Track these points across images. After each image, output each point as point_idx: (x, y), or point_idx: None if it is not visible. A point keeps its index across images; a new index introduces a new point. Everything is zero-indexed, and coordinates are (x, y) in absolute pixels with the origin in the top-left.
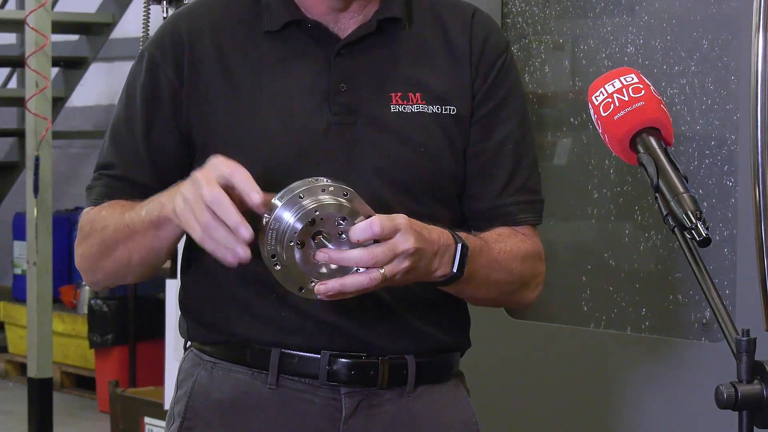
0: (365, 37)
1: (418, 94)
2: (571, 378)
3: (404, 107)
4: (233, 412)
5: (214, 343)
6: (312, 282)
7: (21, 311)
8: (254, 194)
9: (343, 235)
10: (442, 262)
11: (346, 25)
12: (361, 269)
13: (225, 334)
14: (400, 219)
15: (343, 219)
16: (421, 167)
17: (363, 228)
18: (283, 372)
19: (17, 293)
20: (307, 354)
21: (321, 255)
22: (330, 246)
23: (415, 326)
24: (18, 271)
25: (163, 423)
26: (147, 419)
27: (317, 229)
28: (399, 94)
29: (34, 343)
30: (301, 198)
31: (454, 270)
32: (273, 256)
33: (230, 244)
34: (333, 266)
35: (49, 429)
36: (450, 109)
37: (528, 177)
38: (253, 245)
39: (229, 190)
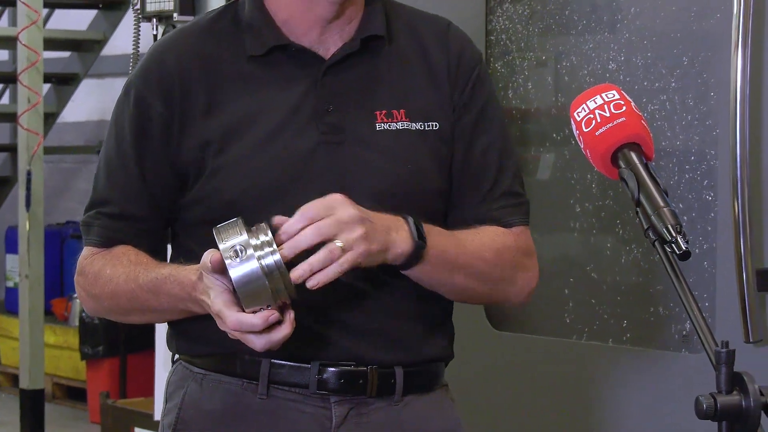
0: (349, 56)
1: (402, 111)
2: (554, 389)
3: (389, 125)
4: (224, 422)
5: (204, 356)
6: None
7: (13, 323)
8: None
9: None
10: (399, 237)
11: (329, 45)
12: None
13: (215, 345)
14: (335, 195)
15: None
16: (409, 183)
17: (295, 219)
18: (273, 382)
19: (9, 306)
20: (297, 364)
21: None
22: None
23: (403, 338)
24: (10, 284)
25: None
26: (137, 430)
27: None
28: (384, 111)
29: (26, 354)
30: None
31: (416, 239)
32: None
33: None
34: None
35: None
36: (433, 125)
37: (512, 182)
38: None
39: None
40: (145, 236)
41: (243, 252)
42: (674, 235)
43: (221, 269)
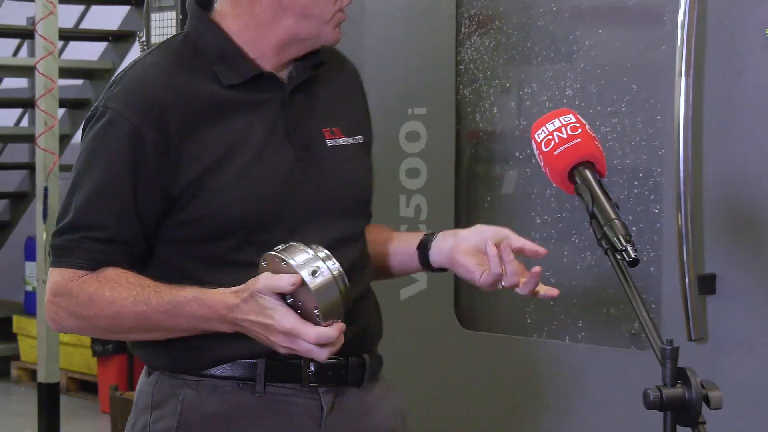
0: (304, 81)
1: (337, 129)
2: (516, 382)
3: (335, 141)
4: (226, 422)
5: (201, 366)
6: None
7: (32, 324)
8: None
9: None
10: None
11: (284, 71)
12: None
13: (214, 355)
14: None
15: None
16: (360, 190)
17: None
18: (268, 380)
19: (28, 308)
20: (290, 361)
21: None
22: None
23: (367, 326)
24: (29, 288)
25: None
26: None
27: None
28: (328, 129)
29: (43, 352)
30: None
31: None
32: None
33: (317, 353)
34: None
35: (56, 428)
36: (358, 138)
37: None
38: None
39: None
40: (133, 258)
41: (318, 270)
42: (624, 244)
43: (295, 289)
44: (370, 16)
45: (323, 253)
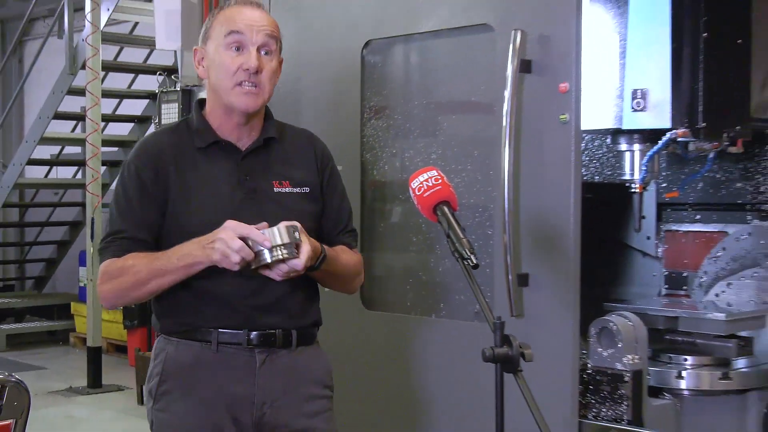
0: (256, 148)
1: (287, 182)
2: (401, 345)
3: (281, 189)
4: (192, 369)
5: (177, 331)
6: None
7: (83, 307)
8: (266, 242)
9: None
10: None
11: (244, 142)
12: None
13: (186, 324)
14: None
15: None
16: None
17: (296, 263)
18: (220, 342)
19: (81, 297)
20: (235, 331)
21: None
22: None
23: (297, 312)
24: (81, 284)
25: None
26: None
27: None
28: (277, 182)
29: (90, 326)
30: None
31: (315, 265)
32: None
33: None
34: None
35: (99, 377)
36: (306, 189)
37: (351, 224)
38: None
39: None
40: (146, 250)
41: (274, 244)
42: (469, 254)
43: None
44: (305, 107)
45: (285, 249)
